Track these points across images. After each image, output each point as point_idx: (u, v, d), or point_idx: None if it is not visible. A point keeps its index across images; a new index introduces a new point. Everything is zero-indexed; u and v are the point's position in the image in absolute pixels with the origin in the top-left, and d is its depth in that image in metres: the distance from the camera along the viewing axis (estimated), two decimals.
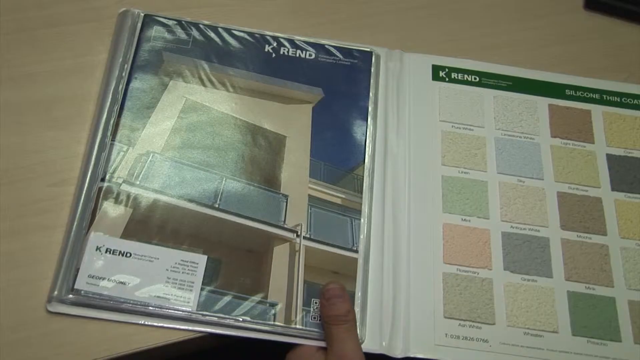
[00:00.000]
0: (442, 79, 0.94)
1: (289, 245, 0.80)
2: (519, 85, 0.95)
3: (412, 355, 0.76)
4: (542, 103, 0.94)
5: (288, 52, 0.92)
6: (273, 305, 0.76)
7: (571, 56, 0.99)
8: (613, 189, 0.89)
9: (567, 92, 0.95)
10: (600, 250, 0.84)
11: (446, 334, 0.77)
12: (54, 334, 0.73)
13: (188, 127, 0.85)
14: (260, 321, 0.75)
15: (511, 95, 0.94)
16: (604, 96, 0.95)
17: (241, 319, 0.75)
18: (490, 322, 0.79)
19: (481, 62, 0.96)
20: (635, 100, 0.95)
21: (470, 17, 1.01)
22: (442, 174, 0.87)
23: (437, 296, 0.79)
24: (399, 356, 0.76)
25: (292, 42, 0.93)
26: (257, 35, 0.92)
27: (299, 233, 0.81)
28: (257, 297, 0.76)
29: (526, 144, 0.90)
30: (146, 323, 0.74)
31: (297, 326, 0.75)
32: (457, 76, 0.94)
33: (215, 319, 0.75)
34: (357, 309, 0.77)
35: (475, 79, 0.95)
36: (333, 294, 0.74)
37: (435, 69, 0.94)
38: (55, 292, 0.74)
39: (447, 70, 0.95)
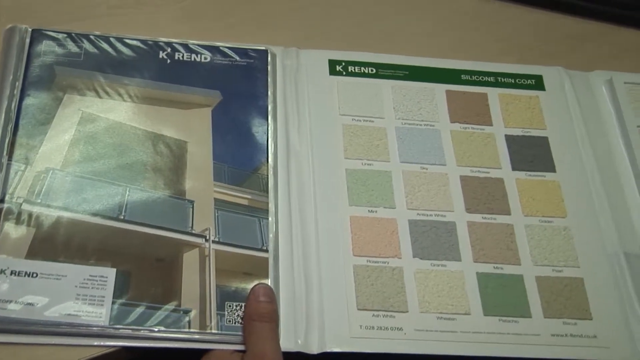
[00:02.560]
0: (340, 73, 0.94)
1: (198, 250, 0.79)
2: (416, 73, 0.96)
3: (328, 350, 0.76)
4: (440, 90, 0.95)
5: (183, 57, 0.91)
6: (187, 312, 0.75)
7: (464, 42, 1.01)
8: (514, 169, 0.90)
9: (463, 77, 0.97)
10: (505, 229, 0.86)
11: (361, 326, 0.78)
12: None
13: (86, 140, 0.83)
14: (175, 329, 0.74)
15: (408, 85, 0.95)
16: (499, 78, 0.97)
17: (156, 329, 0.74)
18: (403, 310, 0.79)
19: (377, 53, 0.97)
20: (528, 81, 0.97)
21: (363, 10, 1.02)
22: (345, 167, 0.87)
23: (349, 289, 0.80)
24: (316, 352, 0.76)
25: (186, 46, 0.92)
26: (150, 42, 0.91)
27: (207, 238, 0.80)
28: (170, 306, 0.75)
29: (426, 131, 0.91)
30: (58, 343, 0.73)
31: (213, 331, 0.75)
32: (354, 69, 0.95)
33: (129, 331, 0.74)
34: None
35: (372, 70, 0.95)
36: (263, 293, 0.75)
37: (332, 64, 0.95)
38: None
39: (343, 64, 0.95)
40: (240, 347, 0.74)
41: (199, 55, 0.92)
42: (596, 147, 0.93)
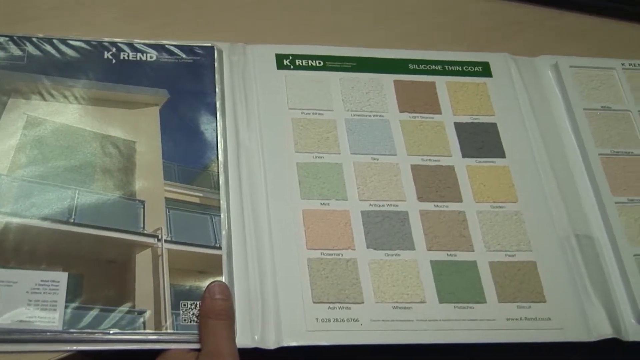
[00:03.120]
0: (287, 67, 0.94)
1: (150, 250, 0.79)
2: (363, 65, 0.96)
3: (285, 345, 0.76)
4: (388, 80, 0.95)
5: (128, 56, 0.90)
6: (141, 313, 0.75)
7: (411, 31, 1.02)
8: (464, 156, 0.91)
9: (411, 66, 0.97)
10: (457, 217, 0.86)
11: (317, 319, 0.78)
12: None
13: (33, 144, 0.82)
14: (130, 331, 0.74)
15: (356, 76, 0.95)
16: (446, 67, 0.98)
17: (111, 332, 0.73)
18: (359, 301, 0.79)
19: (324, 46, 0.97)
20: (475, 68, 0.98)
21: (308, 2, 1.02)
22: (296, 161, 0.87)
23: (304, 283, 0.80)
24: (273, 347, 0.76)
25: (131, 45, 0.91)
26: (94, 42, 0.90)
27: (159, 237, 0.80)
28: (125, 308, 0.75)
29: (376, 122, 0.92)
30: (11, 350, 0.72)
31: (168, 330, 0.75)
32: (302, 62, 0.95)
33: (83, 335, 0.73)
34: None
35: (319, 63, 0.95)
36: (218, 290, 0.75)
37: (279, 58, 0.95)
38: None
39: (291, 57, 0.95)
40: (196, 346, 0.74)
41: (144, 54, 0.91)
42: (544, 131, 0.94)
